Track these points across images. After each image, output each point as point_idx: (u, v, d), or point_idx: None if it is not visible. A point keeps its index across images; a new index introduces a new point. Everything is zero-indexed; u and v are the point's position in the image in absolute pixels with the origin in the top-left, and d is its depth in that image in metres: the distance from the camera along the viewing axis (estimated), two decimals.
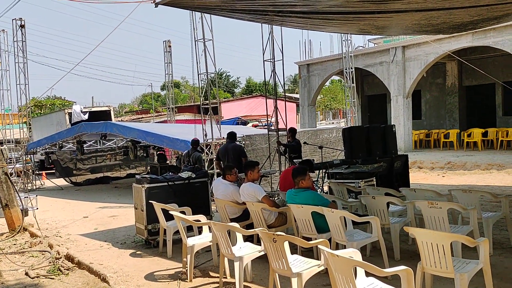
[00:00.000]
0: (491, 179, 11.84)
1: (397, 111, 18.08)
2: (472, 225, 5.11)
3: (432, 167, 14.53)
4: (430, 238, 3.77)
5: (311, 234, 5.26)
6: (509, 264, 5.11)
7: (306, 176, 5.42)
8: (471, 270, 3.79)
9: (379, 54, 18.78)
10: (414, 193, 6.33)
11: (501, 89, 17.66)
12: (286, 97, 11.37)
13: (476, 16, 8.29)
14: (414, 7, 7.11)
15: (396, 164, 9.46)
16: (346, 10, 7.01)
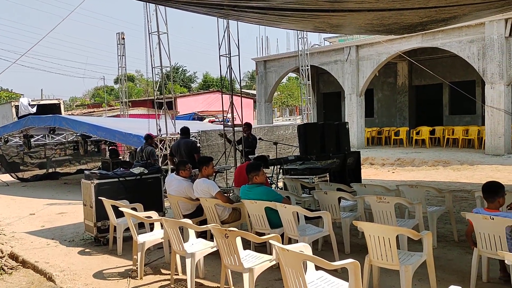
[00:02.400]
0: (437, 175, 12.36)
1: (351, 109, 18.51)
2: (417, 219, 5.30)
3: (383, 164, 14.99)
4: (377, 231, 3.87)
5: (264, 229, 5.28)
6: (452, 256, 5.35)
7: (260, 172, 5.43)
8: (415, 262, 3.93)
9: (334, 52, 19.14)
10: (364, 188, 6.49)
11: (448, 89, 18.46)
12: (244, 93, 11.43)
13: (425, 17, 8.60)
14: (366, 7, 7.27)
15: (349, 160, 9.67)
16: (302, 7, 7.08)
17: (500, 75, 14.21)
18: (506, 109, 14.28)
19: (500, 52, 14.14)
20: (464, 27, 14.74)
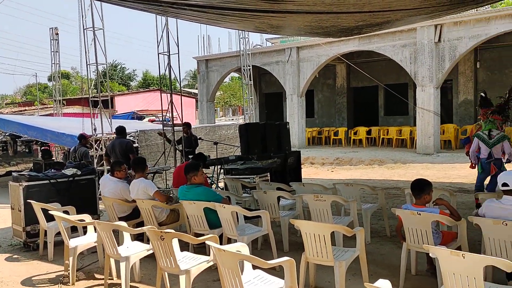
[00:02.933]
0: (373, 173, 12.85)
1: (292, 109, 18.82)
2: (352, 216, 5.48)
3: (322, 163, 15.37)
4: (312, 229, 3.95)
5: (203, 230, 5.23)
6: (384, 251, 5.57)
7: (198, 172, 5.37)
8: (349, 258, 4.05)
9: (275, 53, 19.37)
10: (303, 187, 6.62)
11: (383, 91, 19.25)
12: (186, 92, 11.25)
13: (361, 21, 8.91)
14: (305, 9, 7.41)
15: (289, 160, 9.83)
16: (242, 7, 7.09)
17: (430, 79, 15.02)
18: (435, 111, 15.12)
19: (430, 56, 14.95)
20: (397, 32, 15.45)
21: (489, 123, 7.14)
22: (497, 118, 7.13)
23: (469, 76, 17.32)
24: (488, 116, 7.20)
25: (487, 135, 7.07)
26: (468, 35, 14.26)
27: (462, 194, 9.08)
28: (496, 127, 7.08)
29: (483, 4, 9.93)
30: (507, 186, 3.86)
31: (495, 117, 7.13)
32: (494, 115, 7.14)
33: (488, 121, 7.16)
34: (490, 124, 7.14)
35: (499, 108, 7.24)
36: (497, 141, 6.97)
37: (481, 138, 7.15)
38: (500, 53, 16.69)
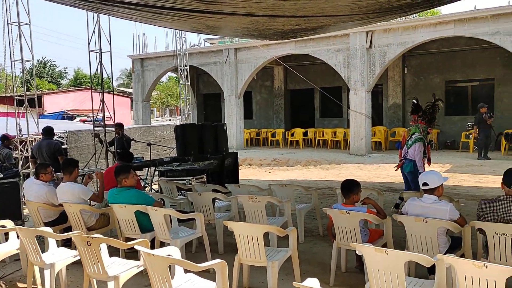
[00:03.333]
0: (309, 174, 13.17)
1: (230, 110, 18.84)
2: (286, 216, 5.56)
3: (260, 164, 15.52)
4: (245, 230, 3.97)
5: (135, 234, 5.08)
6: (317, 249, 5.72)
7: (129, 174, 5.22)
8: (281, 258, 4.11)
9: (213, 54, 19.30)
10: (238, 189, 6.64)
11: (319, 93, 19.79)
12: (120, 92, 10.89)
13: (296, 25, 9.09)
14: (241, 11, 7.44)
15: (226, 161, 9.82)
16: (176, 6, 6.98)
17: (362, 83, 15.65)
18: (367, 114, 15.77)
19: (362, 61, 15.58)
20: (331, 37, 15.95)
21: (415, 128, 7.46)
22: (421, 123, 7.46)
23: (398, 81, 18.24)
24: (417, 122, 7.54)
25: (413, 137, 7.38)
26: (396, 42, 15.01)
27: (390, 193, 9.52)
28: (420, 132, 7.40)
29: (410, 13, 10.49)
30: (427, 185, 4.10)
31: (421, 122, 7.45)
32: (420, 121, 7.45)
33: (416, 126, 7.48)
34: (414, 129, 7.47)
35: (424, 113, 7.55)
36: (412, 143, 7.26)
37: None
38: (425, 59, 17.74)
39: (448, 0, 8.05)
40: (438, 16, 17.20)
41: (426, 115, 7.47)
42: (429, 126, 7.54)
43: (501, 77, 16.29)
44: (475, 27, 13.68)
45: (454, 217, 3.97)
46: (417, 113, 7.63)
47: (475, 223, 3.89)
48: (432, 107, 7.62)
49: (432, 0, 7.58)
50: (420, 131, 7.38)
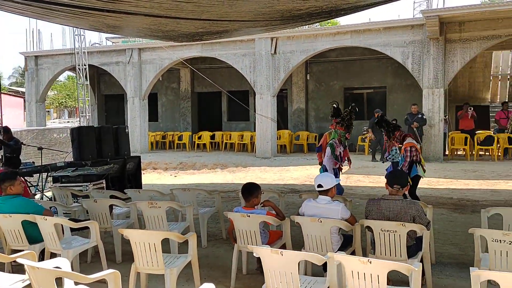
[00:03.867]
0: (215, 177, 13.16)
1: (133, 112, 18.23)
2: (188, 221, 5.50)
3: (166, 168, 15.19)
4: (142, 238, 3.84)
5: (22, 245, 4.67)
6: (219, 253, 5.71)
7: (15, 181, 4.80)
8: (180, 264, 4.04)
9: (115, 53, 18.56)
10: (138, 194, 6.42)
11: (226, 97, 19.94)
12: (13, 91, 9.97)
13: (201, 28, 9.05)
14: (142, 11, 7.22)
15: (128, 165, 9.48)
16: (72, 3, 6.58)
17: (267, 87, 16.07)
18: (272, 117, 16.22)
19: (267, 66, 15.99)
20: (238, 41, 16.17)
21: (333, 133, 7.79)
22: (340, 129, 7.81)
23: (301, 87, 19.01)
24: (336, 127, 7.88)
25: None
26: (299, 49, 15.64)
27: (293, 195, 9.85)
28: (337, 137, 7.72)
29: (310, 22, 10.97)
30: (321, 187, 4.30)
31: (339, 128, 7.81)
32: (338, 126, 7.81)
33: (335, 132, 7.81)
34: (333, 134, 7.79)
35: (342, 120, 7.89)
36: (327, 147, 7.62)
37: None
38: (326, 67, 18.72)
39: (344, 12, 8.57)
40: (337, 26, 18.24)
41: (344, 122, 7.80)
42: (347, 132, 7.90)
43: (391, 85, 17.73)
44: (370, 38, 14.73)
45: (345, 216, 4.22)
46: (338, 117, 7.97)
47: (363, 221, 4.16)
48: (349, 113, 7.99)
49: (329, 11, 8.00)
50: (337, 136, 7.70)
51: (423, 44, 14.04)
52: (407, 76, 15.30)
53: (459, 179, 11.24)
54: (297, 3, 6.88)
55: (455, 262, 5.15)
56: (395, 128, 7.60)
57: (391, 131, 7.60)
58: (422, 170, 7.15)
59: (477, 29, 13.52)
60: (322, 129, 18.34)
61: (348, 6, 7.65)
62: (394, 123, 7.88)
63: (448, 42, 13.88)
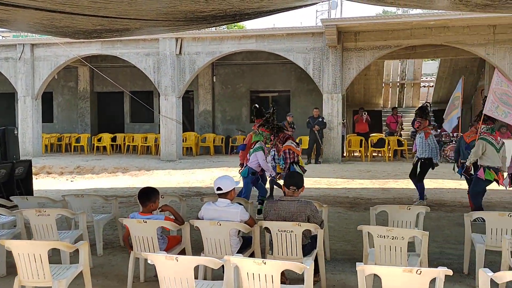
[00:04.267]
0: (116, 181, 12.62)
1: (25, 112, 16.82)
2: (81, 229, 5.18)
3: (61, 172, 14.25)
4: (26, 249, 3.53)
5: None
6: (116, 261, 5.46)
7: None
8: (70, 275, 3.79)
9: (4, 48, 17.00)
10: (26, 201, 5.91)
11: (128, 97, 19.23)
12: None
13: (99, 25, 8.60)
14: (33, 5, 6.68)
15: (17, 170, 8.75)
16: None
17: (172, 88, 15.78)
18: (178, 119, 15.97)
19: (172, 67, 15.71)
20: (141, 40, 15.69)
21: (258, 135, 7.64)
22: (264, 131, 7.67)
23: (208, 89, 18.98)
24: (258, 129, 7.75)
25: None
26: (205, 51, 15.60)
27: (199, 198, 9.76)
28: (263, 139, 7.59)
29: (214, 24, 10.97)
30: (221, 190, 4.30)
31: (265, 130, 7.67)
32: (262, 128, 7.68)
33: (258, 133, 7.66)
34: (258, 136, 7.64)
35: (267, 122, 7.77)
36: (253, 151, 7.44)
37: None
38: (232, 69, 18.90)
39: (248, 17, 8.70)
40: (242, 30, 18.54)
41: (269, 124, 7.73)
42: (271, 134, 7.82)
43: (295, 89, 18.41)
44: (274, 43, 15.15)
45: (244, 219, 4.25)
46: (261, 117, 7.93)
47: (262, 223, 4.23)
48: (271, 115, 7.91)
49: (234, 15, 8.06)
50: (262, 139, 7.60)
51: (323, 51, 14.77)
52: (309, 81, 15.97)
53: (355, 179, 11.98)
54: (200, 5, 6.83)
55: (347, 258, 5.45)
56: (279, 130, 7.83)
57: (275, 132, 7.81)
58: (302, 170, 7.48)
59: (371, 39, 14.55)
60: (229, 131, 18.51)
61: (252, 11, 7.78)
62: (279, 124, 8.07)
63: (345, 51, 14.76)
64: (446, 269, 2.88)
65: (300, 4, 7.91)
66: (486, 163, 6.96)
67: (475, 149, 7.04)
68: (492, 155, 6.97)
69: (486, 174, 6.92)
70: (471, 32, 13.78)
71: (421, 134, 8.38)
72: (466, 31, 13.80)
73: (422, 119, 8.44)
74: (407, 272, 2.80)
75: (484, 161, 6.98)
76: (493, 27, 13.64)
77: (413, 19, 13.70)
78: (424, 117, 8.45)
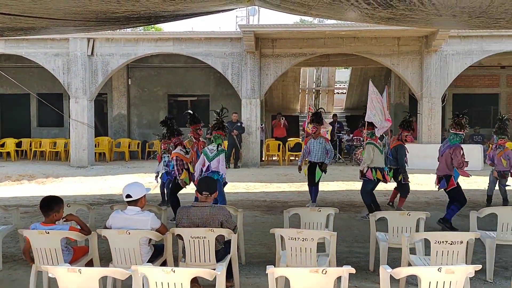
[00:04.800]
0: (21, 190, 11.70)
1: None
2: None
3: None
4: None
5: None
6: (17, 276, 5.06)
7: None
8: None
9: None
10: None
11: (36, 100, 17.98)
12: None
13: (0, 23, 7.97)
14: None
15: None
16: None
17: (84, 91, 15.02)
18: (89, 123, 15.22)
19: (83, 69, 14.94)
20: (49, 40, 14.76)
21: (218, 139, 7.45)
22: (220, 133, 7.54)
23: (123, 92, 18.32)
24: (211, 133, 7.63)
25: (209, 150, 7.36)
26: (119, 53, 15.04)
27: (112, 205, 9.36)
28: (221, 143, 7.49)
29: (128, 26, 10.64)
30: (130, 197, 4.13)
31: (219, 132, 7.52)
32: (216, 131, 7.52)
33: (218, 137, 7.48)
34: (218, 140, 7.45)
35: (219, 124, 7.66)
36: (216, 155, 7.27)
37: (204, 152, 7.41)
38: (149, 72, 18.43)
39: (164, 19, 8.53)
40: (159, 32, 18.19)
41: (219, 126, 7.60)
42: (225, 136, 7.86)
43: (214, 93, 18.39)
44: (192, 47, 15.02)
45: (155, 226, 4.13)
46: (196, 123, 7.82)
47: (174, 230, 4.14)
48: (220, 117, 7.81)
49: (149, 17, 7.86)
50: (221, 142, 7.48)
51: (241, 56, 14.92)
52: (228, 85, 16.04)
53: (273, 182, 12.22)
54: (111, 5, 6.57)
55: (263, 261, 5.50)
56: (171, 134, 7.87)
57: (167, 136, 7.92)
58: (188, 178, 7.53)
59: (287, 47, 14.98)
60: (146, 136, 17.99)
61: (168, 14, 7.63)
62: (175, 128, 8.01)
63: (263, 57, 15.04)
64: (350, 267, 3.00)
65: (217, 9, 7.92)
66: (373, 165, 7.64)
67: (367, 154, 7.72)
68: (378, 157, 7.65)
69: (373, 175, 7.61)
70: (378, 43, 14.72)
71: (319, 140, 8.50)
72: (374, 42, 14.71)
73: (318, 124, 8.60)
74: (313, 272, 2.88)
75: (372, 163, 7.63)
76: (397, 39, 14.68)
77: (327, 29, 14.33)
78: (320, 123, 8.64)
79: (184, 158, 7.54)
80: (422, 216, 4.91)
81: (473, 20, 6.48)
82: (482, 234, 5.00)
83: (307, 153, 8.70)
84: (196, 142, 7.91)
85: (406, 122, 7.97)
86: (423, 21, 6.79)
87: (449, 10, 5.83)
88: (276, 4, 6.47)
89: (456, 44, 14.60)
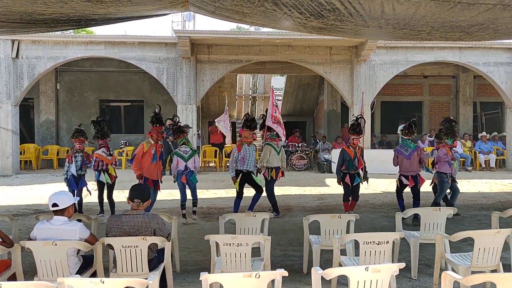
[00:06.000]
0: None
1: None
2: None
3: None
4: None
5: None
6: None
7: None
8: None
9: None
10: None
11: None
12: None
13: None
14: None
15: None
16: None
17: (8, 95, 14.13)
18: (14, 129, 14.33)
19: (7, 72, 14.07)
20: None
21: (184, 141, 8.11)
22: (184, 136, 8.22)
23: (51, 96, 17.44)
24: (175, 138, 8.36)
25: (182, 151, 7.94)
26: (47, 56, 14.33)
27: (38, 216, 8.84)
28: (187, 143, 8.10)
29: (56, 29, 10.15)
30: (57, 206, 3.93)
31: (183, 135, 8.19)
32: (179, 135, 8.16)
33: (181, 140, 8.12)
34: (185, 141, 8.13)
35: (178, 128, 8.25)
36: (190, 155, 7.92)
37: (178, 154, 7.93)
38: (79, 77, 17.69)
39: (95, 23, 8.24)
40: (90, 35, 17.54)
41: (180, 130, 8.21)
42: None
43: (149, 99, 17.99)
44: (125, 51, 14.62)
45: (84, 236, 3.96)
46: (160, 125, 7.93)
47: (104, 240, 3.99)
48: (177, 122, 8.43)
49: (78, 20, 7.56)
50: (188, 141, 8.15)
51: (176, 62, 14.75)
52: (164, 91, 15.77)
53: (209, 189, 12.14)
54: (37, 6, 6.25)
55: (198, 268, 5.44)
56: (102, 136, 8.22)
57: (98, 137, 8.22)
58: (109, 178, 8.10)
59: (223, 53, 15.02)
60: None
61: (99, 17, 7.39)
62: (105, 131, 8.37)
63: (199, 62, 14.97)
64: (283, 270, 3.05)
65: (151, 14, 7.79)
66: (269, 165, 8.23)
67: (264, 154, 8.35)
68: (273, 157, 8.27)
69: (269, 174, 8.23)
70: (312, 52, 15.17)
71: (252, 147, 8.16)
72: (308, 50, 15.15)
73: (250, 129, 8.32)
74: (247, 277, 2.90)
75: (268, 163, 8.23)
76: (329, 48, 15.23)
77: (262, 37, 14.55)
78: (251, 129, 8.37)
79: (105, 159, 8.01)
80: (352, 218, 5.11)
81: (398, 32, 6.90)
82: (407, 234, 5.29)
83: (241, 161, 8.04)
84: (154, 144, 7.85)
85: (354, 126, 7.94)
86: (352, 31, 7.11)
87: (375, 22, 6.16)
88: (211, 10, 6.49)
89: (383, 54, 15.40)
